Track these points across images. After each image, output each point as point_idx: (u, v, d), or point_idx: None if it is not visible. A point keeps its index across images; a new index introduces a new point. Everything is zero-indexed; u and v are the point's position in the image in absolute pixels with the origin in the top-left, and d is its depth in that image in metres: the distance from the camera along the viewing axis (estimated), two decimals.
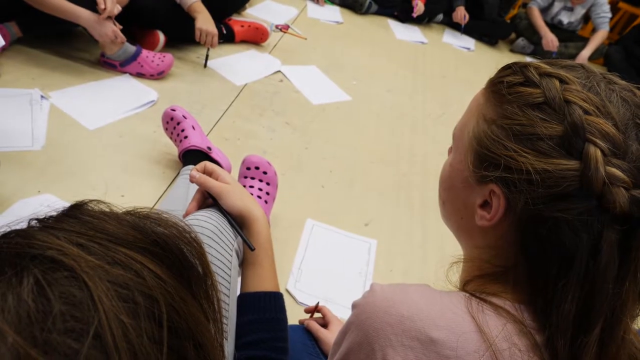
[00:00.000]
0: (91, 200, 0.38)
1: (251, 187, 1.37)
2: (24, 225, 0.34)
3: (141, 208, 0.39)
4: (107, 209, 0.37)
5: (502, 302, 0.52)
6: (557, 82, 0.52)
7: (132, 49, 1.91)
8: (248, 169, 1.39)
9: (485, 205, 0.56)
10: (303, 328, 1.07)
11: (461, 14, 3.71)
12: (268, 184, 1.39)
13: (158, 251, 0.35)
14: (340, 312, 1.20)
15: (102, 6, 1.70)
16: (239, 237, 0.84)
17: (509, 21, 4.09)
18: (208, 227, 0.81)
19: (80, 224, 0.34)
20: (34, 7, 1.64)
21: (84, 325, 0.28)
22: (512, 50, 4.01)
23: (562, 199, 0.49)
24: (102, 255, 0.32)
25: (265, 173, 1.39)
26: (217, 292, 0.40)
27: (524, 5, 4.21)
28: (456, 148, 0.62)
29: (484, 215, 0.56)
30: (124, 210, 0.39)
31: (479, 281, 0.57)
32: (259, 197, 1.37)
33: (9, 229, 0.33)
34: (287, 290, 1.30)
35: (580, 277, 0.48)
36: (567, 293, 0.49)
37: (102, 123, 1.65)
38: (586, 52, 3.67)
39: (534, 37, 3.88)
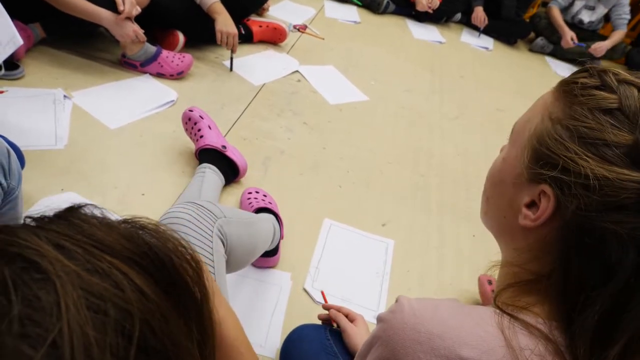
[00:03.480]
0: (87, 205, 0.36)
1: (255, 199, 1.44)
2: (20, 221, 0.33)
3: (141, 218, 0.37)
4: (100, 215, 0.36)
5: (534, 320, 0.51)
6: (635, 91, 0.50)
7: (152, 49, 1.94)
8: (250, 193, 1.47)
9: (532, 205, 0.55)
10: (321, 327, 1.08)
11: (480, 17, 3.67)
12: (265, 196, 1.47)
13: (146, 264, 0.33)
14: (358, 312, 1.20)
15: (121, 7, 1.73)
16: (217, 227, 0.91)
17: (527, 20, 4.05)
18: (183, 216, 0.87)
19: (69, 226, 0.33)
20: (57, 9, 1.67)
21: (43, 332, 0.27)
22: (531, 50, 3.96)
23: (616, 211, 0.47)
24: (83, 261, 0.30)
25: (265, 196, 1.48)
26: (213, 327, 0.38)
27: (544, 4, 4.17)
28: (513, 142, 0.60)
29: (528, 215, 0.55)
30: (121, 218, 0.37)
31: (512, 290, 0.56)
32: (263, 200, 1.44)
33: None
34: (305, 290, 1.30)
35: (614, 291, 0.47)
36: (595, 304, 0.48)
37: (123, 122, 1.68)
38: (607, 43, 3.66)
39: (553, 37, 3.83)
